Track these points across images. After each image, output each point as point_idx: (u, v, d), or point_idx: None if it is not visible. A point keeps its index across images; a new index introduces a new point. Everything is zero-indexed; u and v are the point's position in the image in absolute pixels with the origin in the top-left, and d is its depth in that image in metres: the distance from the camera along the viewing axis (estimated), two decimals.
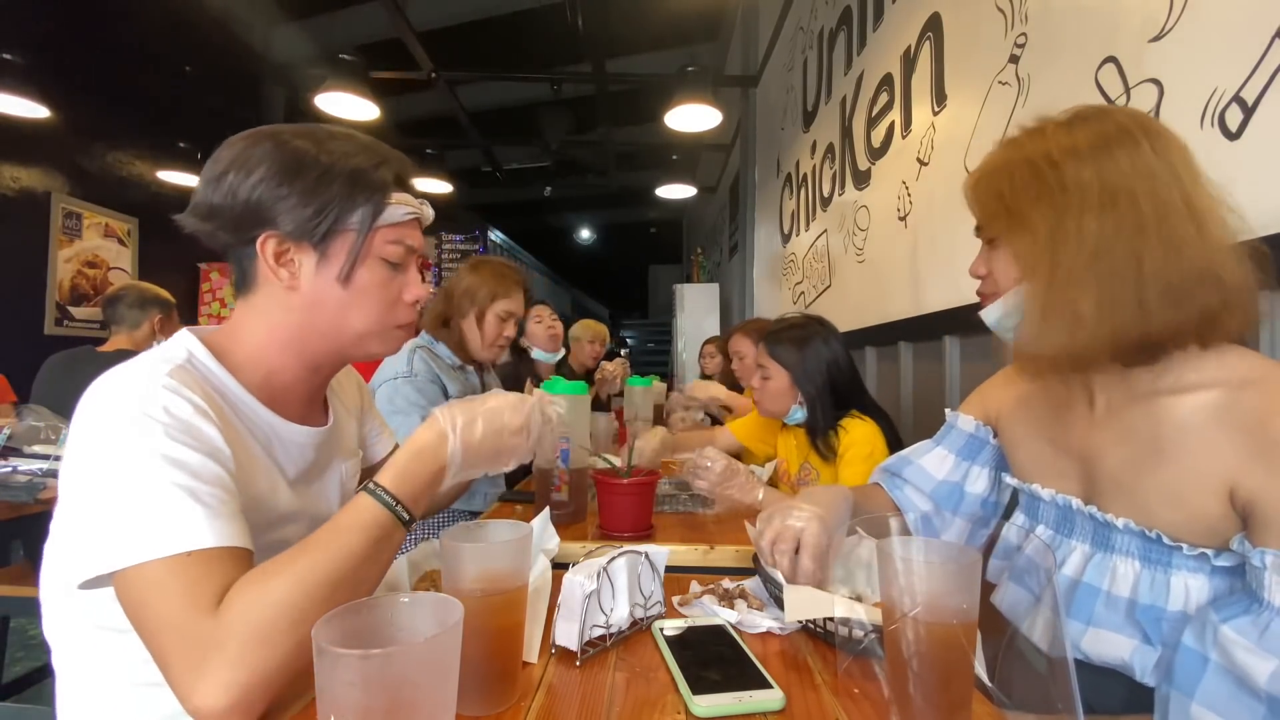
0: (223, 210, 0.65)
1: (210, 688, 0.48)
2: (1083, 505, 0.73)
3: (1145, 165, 0.64)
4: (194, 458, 0.56)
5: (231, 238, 0.67)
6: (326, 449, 0.78)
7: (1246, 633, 0.55)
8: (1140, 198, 0.63)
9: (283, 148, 0.66)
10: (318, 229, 0.66)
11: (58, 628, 0.63)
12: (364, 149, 0.69)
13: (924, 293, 1.96)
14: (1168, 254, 0.62)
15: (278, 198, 0.65)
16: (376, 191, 0.69)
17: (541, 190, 7.62)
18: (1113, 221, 0.63)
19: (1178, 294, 0.61)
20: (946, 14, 1.86)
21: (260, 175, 0.64)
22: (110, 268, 4.27)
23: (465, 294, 1.66)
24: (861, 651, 0.63)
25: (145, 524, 0.52)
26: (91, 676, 0.62)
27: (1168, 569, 0.65)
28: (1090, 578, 0.70)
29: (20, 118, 3.35)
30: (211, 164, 0.66)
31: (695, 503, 1.31)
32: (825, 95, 3.06)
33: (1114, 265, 0.63)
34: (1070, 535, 0.75)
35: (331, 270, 0.68)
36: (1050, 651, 0.55)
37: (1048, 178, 0.67)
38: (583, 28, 4.22)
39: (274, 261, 0.66)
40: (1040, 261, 0.67)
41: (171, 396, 0.58)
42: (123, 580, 0.52)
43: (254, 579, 0.52)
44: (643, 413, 1.81)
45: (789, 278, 3.68)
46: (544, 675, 0.62)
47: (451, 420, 0.64)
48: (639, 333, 11.79)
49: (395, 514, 0.59)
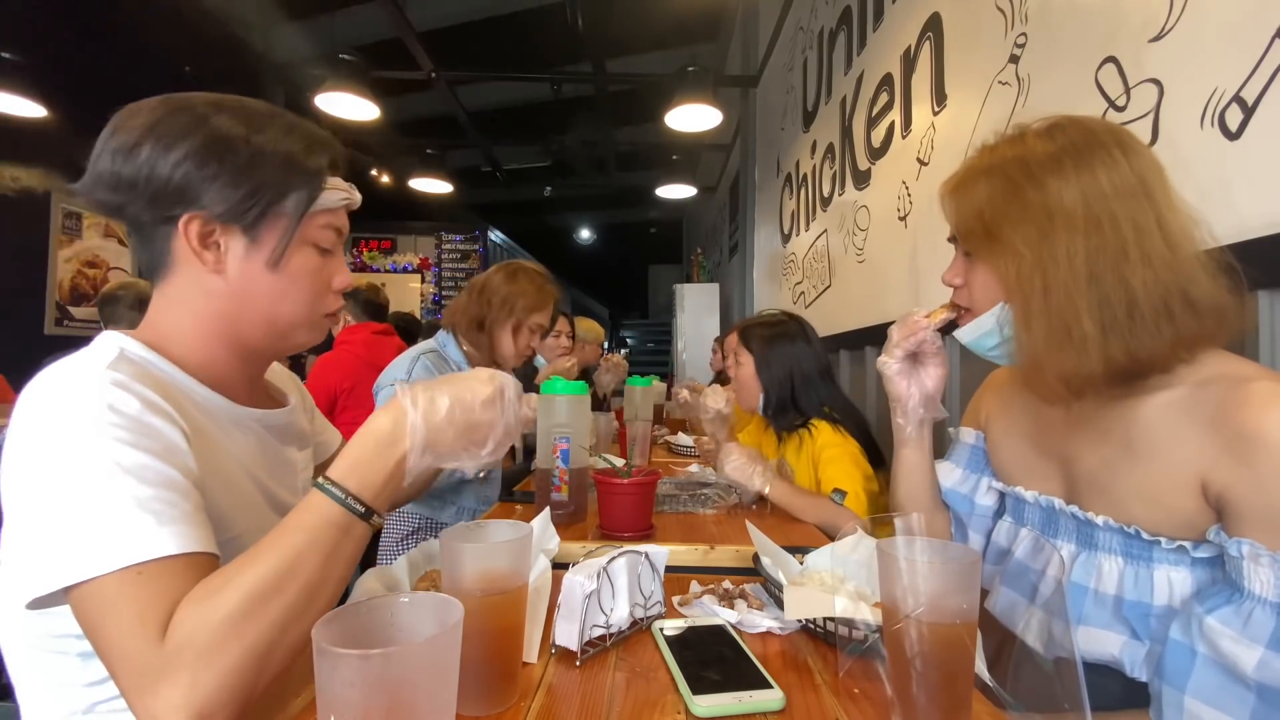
0: (136, 183, 0.61)
1: (166, 716, 0.46)
2: (1065, 505, 0.73)
3: (1124, 183, 0.65)
4: (142, 459, 0.53)
5: (146, 214, 0.63)
6: (283, 434, 0.77)
7: (1230, 622, 0.56)
8: (1121, 221, 0.64)
9: (204, 123, 0.62)
10: (249, 212, 0.63)
11: (12, 648, 0.60)
12: (293, 130, 0.67)
13: (924, 293, 1.96)
14: (1148, 274, 0.62)
15: (205, 177, 0.61)
16: (312, 177, 0.67)
17: (541, 190, 7.63)
18: (1097, 244, 0.64)
19: (1165, 311, 0.62)
20: (946, 14, 1.86)
21: (184, 151, 0.61)
22: (110, 268, 4.27)
23: (504, 303, 1.66)
24: (862, 652, 0.63)
25: (92, 537, 0.49)
26: (48, 700, 0.59)
27: (1150, 564, 0.66)
28: (1077, 576, 0.71)
29: (20, 117, 3.36)
30: (119, 132, 0.62)
31: (695, 503, 1.31)
32: (825, 95, 3.06)
33: (1105, 289, 0.63)
34: (1056, 535, 0.76)
35: (261, 255, 0.66)
36: (1050, 651, 0.55)
37: (1029, 197, 0.67)
38: (583, 28, 4.23)
39: (198, 243, 0.63)
40: (1030, 287, 0.67)
41: (117, 393, 0.55)
42: (76, 599, 0.50)
43: (199, 596, 0.49)
44: (643, 413, 1.81)
45: (789, 278, 3.68)
46: (544, 675, 0.62)
47: (411, 397, 0.58)
48: (639, 333, 11.78)
49: (348, 508, 0.54)
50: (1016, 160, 0.69)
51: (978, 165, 0.74)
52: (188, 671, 0.47)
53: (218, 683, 0.47)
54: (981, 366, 0.88)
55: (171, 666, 0.47)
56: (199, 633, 0.48)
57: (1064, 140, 0.68)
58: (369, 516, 0.56)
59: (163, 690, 0.46)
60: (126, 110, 0.63)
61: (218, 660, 0.47)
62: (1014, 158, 0.70)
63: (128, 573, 0.49)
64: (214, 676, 0.47)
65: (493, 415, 0.62)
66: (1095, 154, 0.66)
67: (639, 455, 1.73)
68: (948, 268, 0.81)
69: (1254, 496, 0.57)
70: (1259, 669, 0.54)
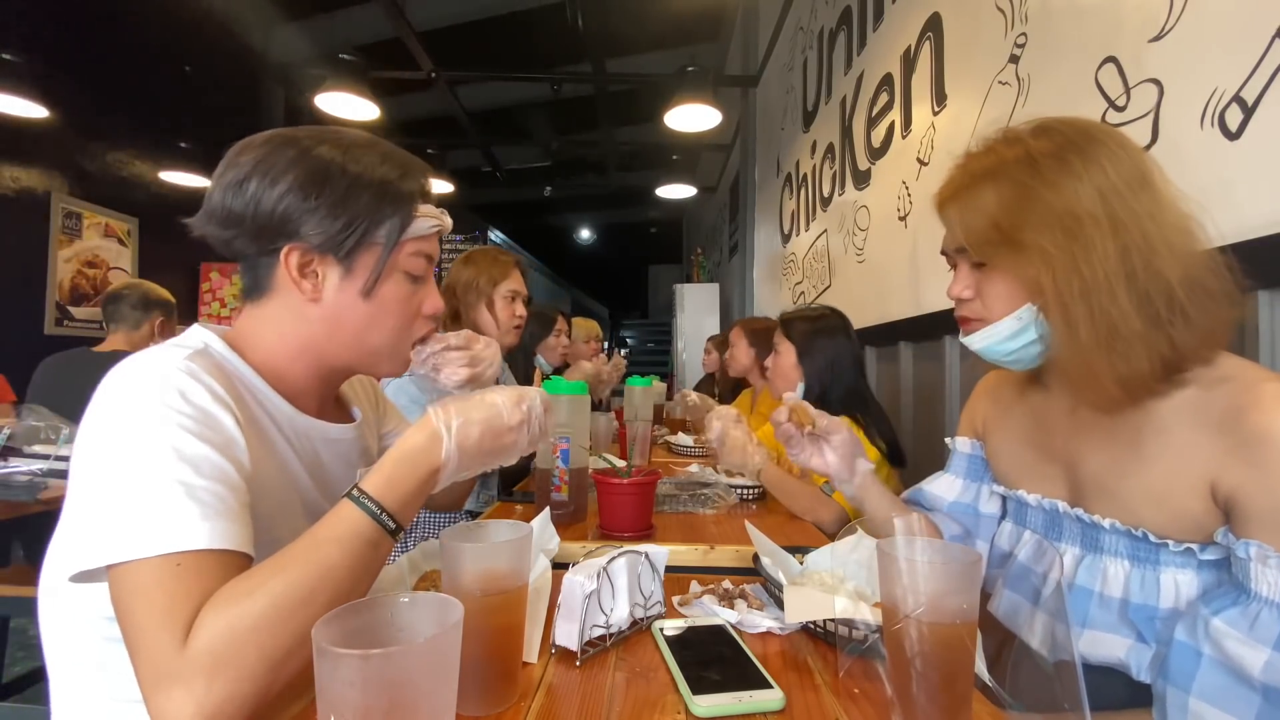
0: (244, 218, 0.63)
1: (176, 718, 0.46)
2: (1069, 508, 0.73)
3: (1131, 176, 0.64)
4: (202, 450, 0.54)
5: (252, 247, 0.65)
6: (348, 448, 0.78)
7: (1237, 624, 0.56)
8: (1140, 215, 0.63)
9: (307, 155, 0.64)
10: (345, 242, 0.65)
11: (53, 627, 0.62)
12: (388, 158, 0.68)
13: (924, 293, 1.96)
14: (1175, 265, 0.62)
15: (305, 209, 0.63)
16: (404, 204, 0.68)
17: (541, 190, 7.63)
18: (1125, 241, 0.63)
19: (1197, 301, 0.62)
20: (946, 14, 1.86)
21: (287, 185, 0.63)
22: (110, 268, 4.27)
23: (467, 287, 1.71)
24: (862, 652, 0.63)
25: (138, 520, 0.51)
26: (84, 683, 0.61)
27: (1156, 566, 0.66)
28: (1082, 579, 0.71)
29: (20, 118, 3.35)
30: (230, 168, 0.64)
31: (695, 503, 1.31)
32: (825, 95, 3.06)
33: (1143, 284, 0.62)
34: (1060, 539, 0.75)
35: (355, 284, 0.67)
36: (1054, 655, 0.55)
37: (1045, 198, 0.65)
38: (583, 27, 4.22)
39: (297, 273, 0.65)
40: (1068, 291, 0.64)
41: (189, 381, 0.57)
42: (114, 578, 0.51)
43: (226, 600, 0.49)
44: (643, 413, 1.81)
45: (789, 278, 3.68)
46: (544, 675, 0.62)
47: (446, 421, 0.60)
48: (639, 333, 11.78)
49: (380, 523, 0.55)
50: (1020, 161, 0.67)
51: (976, 170, 0.71)
52: (203, 678, 0.47)
53: (231, 691, 0.47)
54: (981, 367, 0.88)
55: (189, 670, 0.47)
56: (220, 640, 0.48)
57: (1061, 139, 0.67)
58: (396, 533, 0.57)
59: (176, 693, 0.47)
60: (238, 146, 0.65)
61: (234, 669, 0.48)
62: (1016, 158, 0.68)
63: (167, 561, 0.50)
64: (228, 685, 0.47)
65: (518, 436, 0.66)
66: (1097, 149, 0.65)
67: (639, 455, 1.73)
68: (953, 282, 0.77)
69: (1262, 498, 0.57)
70: (1265, 670, 0.53)
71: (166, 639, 0.48)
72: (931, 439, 1.91)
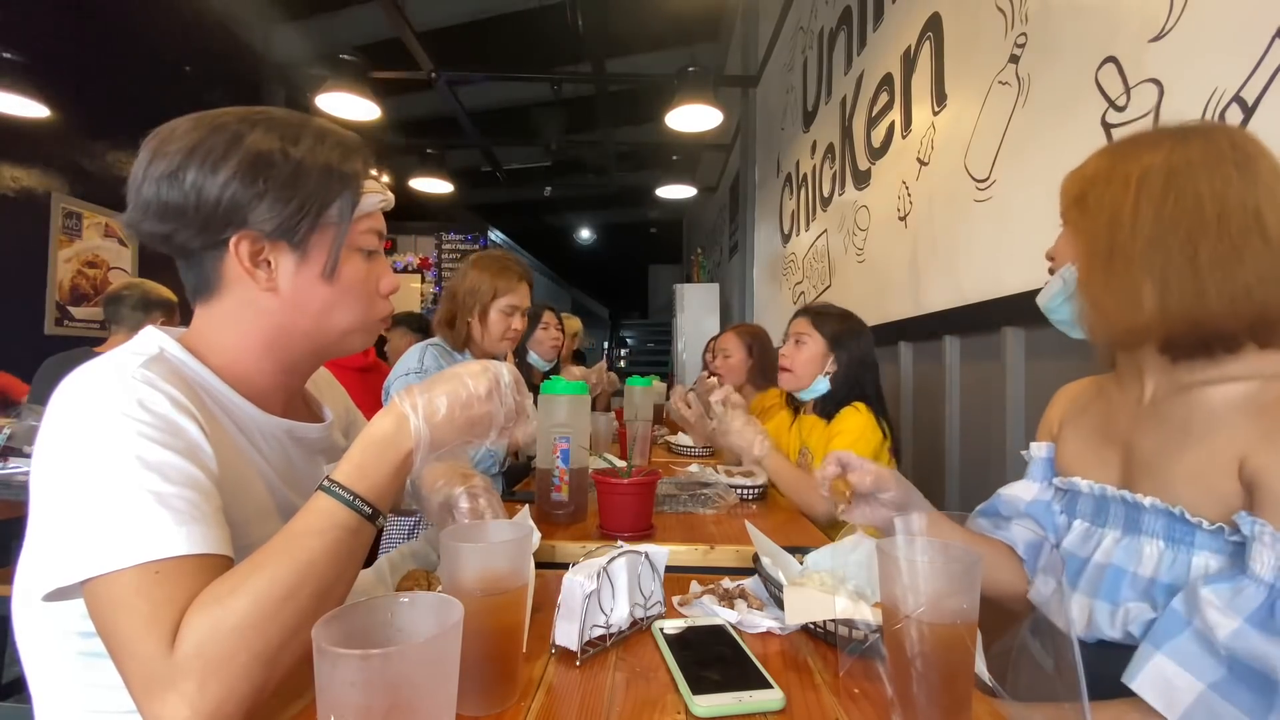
0: (185, 210, 0.60)
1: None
2: (1116, 490, 0.74)
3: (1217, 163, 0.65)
4: (167, 457, 0.53)
5: (196, 240, 0.62)
6: (312, 447, 0.76)
7: (1221, 594, 0.57)
8: (1205, 197, 0.64)
9: (241, 140, 0.61)
10: (299, 226, 0.63)
11: (30, 644, 0.60)
12: (325, 137, 0.66)
13: (924, 293, 1.96)
14: (1228, 254, 0.63)
15: (253, 195, 0.61)
16: (351, 181, 0.67)
17: (541, 190, 7.62)
18: (1170, 210, 0.65)
19: (1236, 292, 0.63)
20: (946, 14, 1.86)
21: (230, 171, 0.60)
22: (110, 268, 4.27)
23: (469, 291, 1.68)
24: (862, 652, 0.63)
25: (112, 532, 0.49)
26: (63, 698, 0.59)
27: (1190, 548, 0.66)
28: (1119, 560, 0.72)
29: (20, 117, 3.35)
30: (157, 158, 0.60)
31: (695, 503, 1.31)
32: (825, 95, 3.06)
33: (1169, 253, 0.65)
34: (1104, 524, 0.76)
35: (313, 268, 0.66)
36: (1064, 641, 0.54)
37: (1120, 166, 0.70)
38: (583, 28, 4.22)
39: (250, 263, 0.63)
40: (1097, 243, 0.70)
41: (147, 390, 0.55)
42: (92, 592, 0.50)
43: (209, 601, 0.49)
44: (643, 413, 1.81)
45: (789, 278, 3.68)
46: (544, 675, 0.62)
47: (411, 402, 0.59)
48: (639, 333, 11.79)
49: (356, 509, 0.55)
50: (1125, 140, 0.73)
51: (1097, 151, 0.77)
52: (195, 681, 0.47)
53: (225, 691, 0.47)
54: (981, 367, 0.87)
55: (180, 675, 0.47)
56: (208, 642, 0.47)
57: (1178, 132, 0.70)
58: (375, 518, 0.56)
59: (170, 698, 0.46)
60: (160, 134, 0.62)
61: (225, 669, 0.47)
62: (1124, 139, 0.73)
63: (145, 570, 0.49)
64: (221, 685, 0.47)
65: (491, 407, 0.63)
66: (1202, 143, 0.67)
67: (639, 455, 1.73)
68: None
69: (1277, 482, 0.58)
70: (1232, 637, 0.54)
71: (154, 646, 0.47)
72: (931, 438, 1.91)
